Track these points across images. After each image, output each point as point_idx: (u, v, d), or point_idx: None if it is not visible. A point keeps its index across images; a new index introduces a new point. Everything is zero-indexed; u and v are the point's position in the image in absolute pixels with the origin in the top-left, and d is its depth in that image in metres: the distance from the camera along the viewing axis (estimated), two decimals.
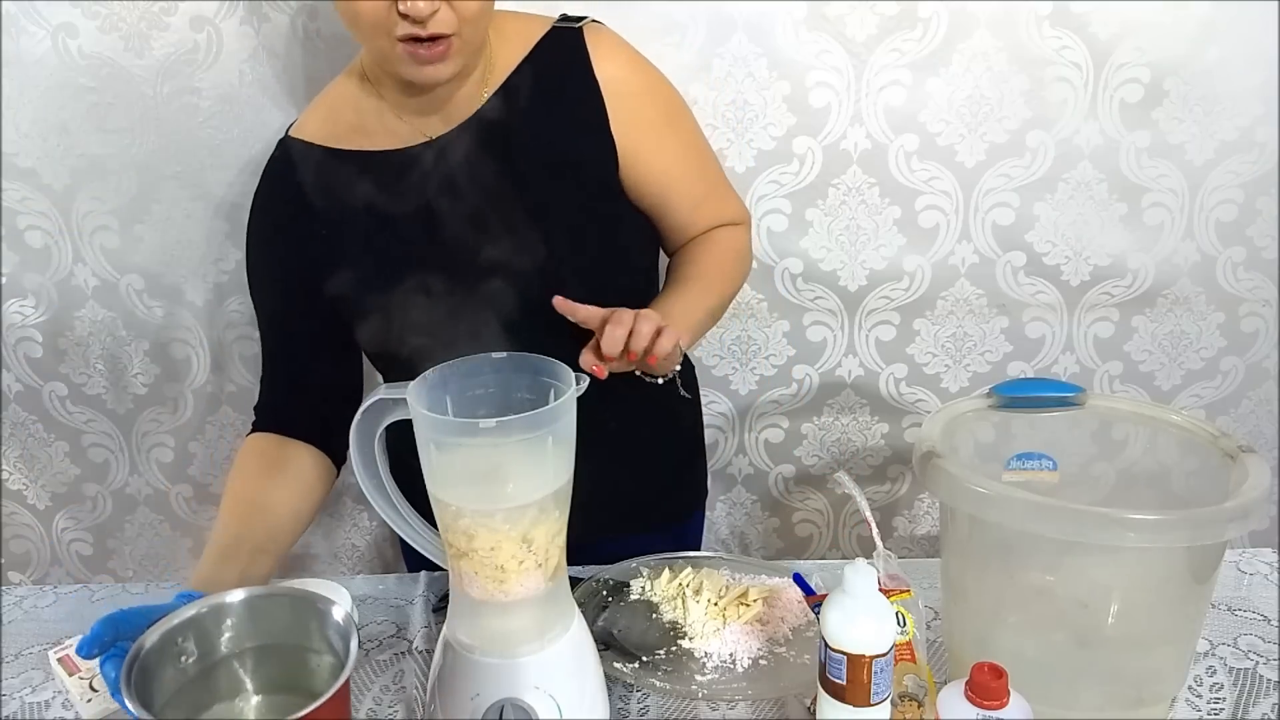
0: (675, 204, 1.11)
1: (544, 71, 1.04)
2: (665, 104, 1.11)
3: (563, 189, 1.05)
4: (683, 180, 1.11)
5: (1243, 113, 1.43)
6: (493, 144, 1.03)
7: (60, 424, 1.63)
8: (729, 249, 1.15)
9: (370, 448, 0.87)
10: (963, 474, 0.84)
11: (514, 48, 1.04)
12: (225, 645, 0.82)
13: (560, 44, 1.04)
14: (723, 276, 1.13)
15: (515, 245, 1.00)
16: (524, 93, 1.03)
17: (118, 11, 1.37)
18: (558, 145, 1.04)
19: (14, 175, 1.46)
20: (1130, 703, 0.87)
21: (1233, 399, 1.61)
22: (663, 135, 1.09)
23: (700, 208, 1.13)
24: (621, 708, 0.93)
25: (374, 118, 1.05)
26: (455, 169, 1.02)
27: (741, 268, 1.18)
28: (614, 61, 1.05)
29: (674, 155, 1.10)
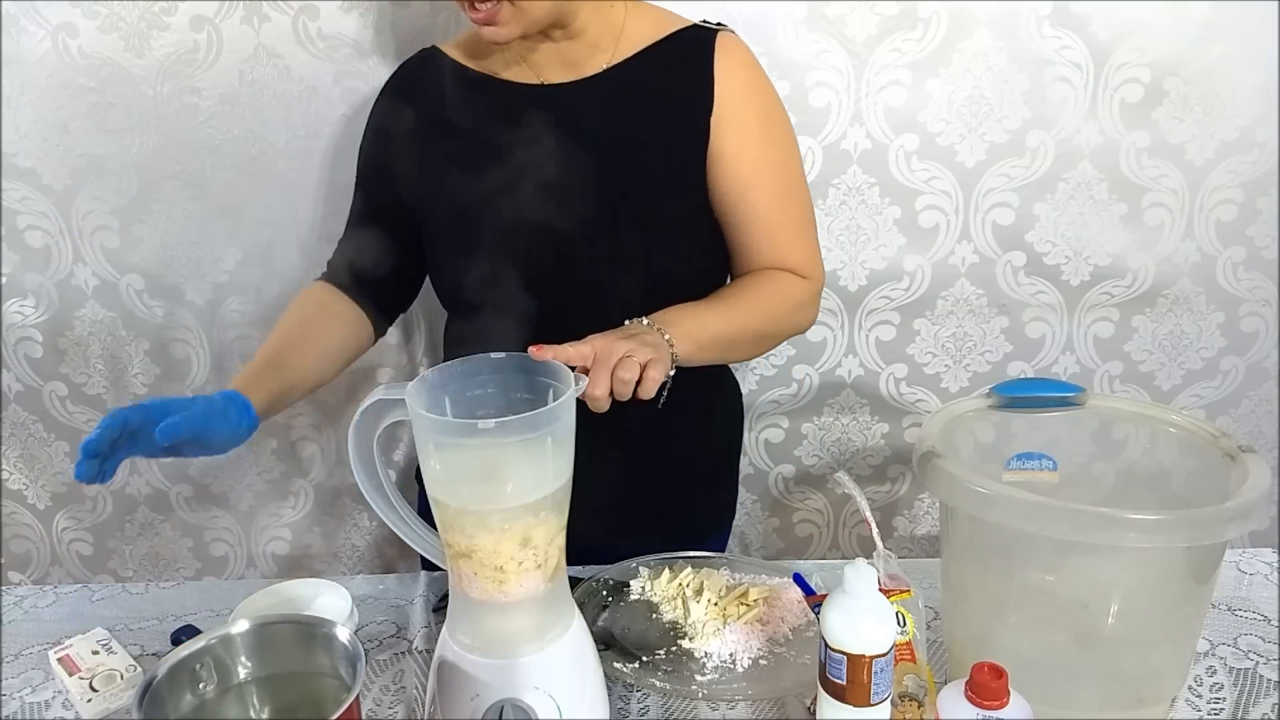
0: (747, 217, 1.10)
1: (669, 57, 1.09)
2: (769, 117, 1.11)
3: (647, 166, 1.08)
4: (762, 195, 1.09)
5: (1243, 113, 1.43)
6: (598, 106, 1.08)
7: (60, 424, 1.63)
8: (780, 291, 1.11)
9: (369, 448, 0.86)
10: (963, 474, 0.84)
11: (649, 31, 1.10)
12: (233, 676, 0.82)
13: (692, 39, 1.10)
14: (758, 311, 1.09)
15: (581, 208, 1.05)
16: (644, 70, 1.09)
17: (118, 11, 1.37)
18: (657, 125, 1.08)
19: (14, 175, 1.46)
20: (1130, 703, 0.87)
21: (1233, 399, 1.61)
22: (756, 143, 1.09)
23: (772, 235, 1.11)
24: (621, 708, 0.93)
25: (507, 53, 1.12)
26: (556, 117, 1.07)
27: (788, 313, 1.12)
28: (736, 63, 1.09)
29: (760, 166, 1.09)
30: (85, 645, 1.00)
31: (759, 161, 1.09)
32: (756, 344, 1.12)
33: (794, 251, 1.12)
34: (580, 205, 1.05)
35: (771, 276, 1.11)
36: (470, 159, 1.10)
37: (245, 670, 0.82)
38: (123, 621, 1.09)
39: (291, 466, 1.66)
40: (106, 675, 0.96)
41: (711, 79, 1.07)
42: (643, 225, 1.08)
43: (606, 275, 1.07)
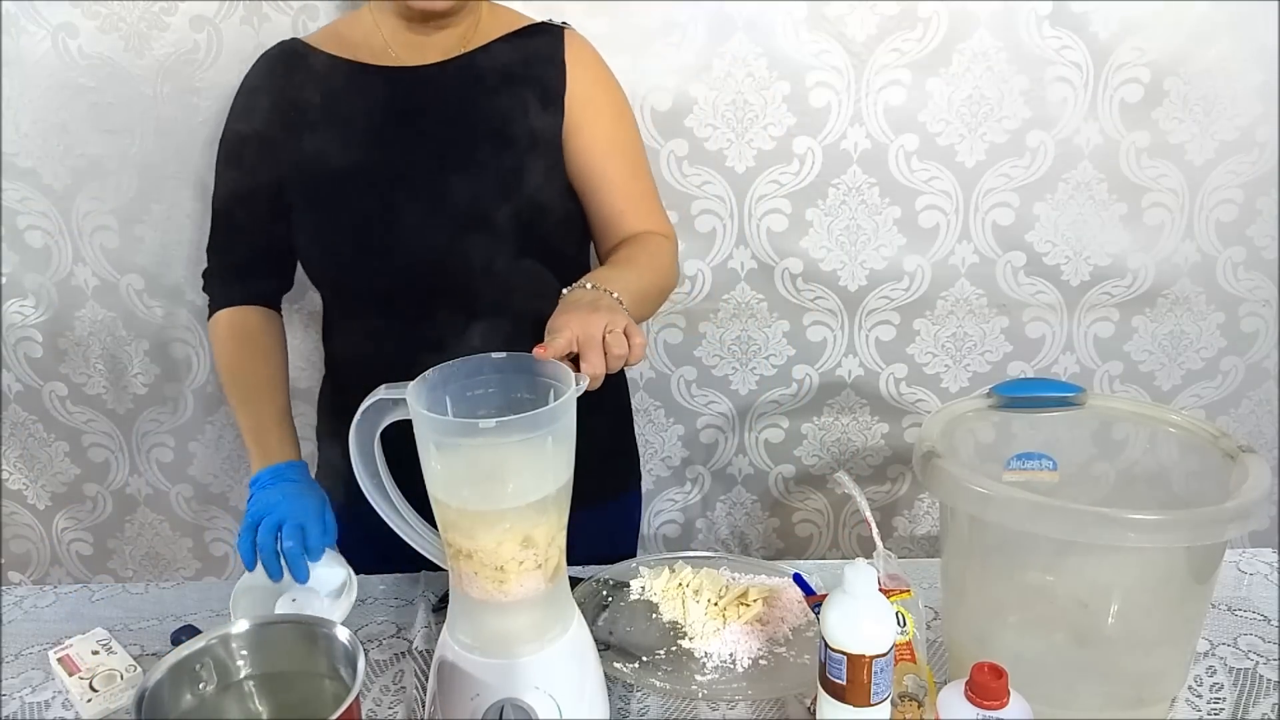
0: (609, 185, 1.17)
1: (522, 46, 1.17)
2: (617, 101, 1.21)
3: (514, 139, 1.13)
4: (619, 166, 1.18)
5: (1243, 113, 1.43)
6: (465, 85, 1.15)
7: (60, 424, 1.63)
8: (661, 249, 1.17)
9: (370, 448, 0.87)
10: (963, 474, 0.84)
11: (501, 26, 1.18)
12: (233, 676, 0.82)
13: (542, 33, 1.19)
14: (656, 266, 1.15)
15: (453, 183, 1.11)
16: (500, 54, 1.16)
17: (118, 11, 1.37)
18: (519, 101, 1.14)
19: (14, 175, 1.46)
20: (1130, 703, 0.87)
21: (1233, 399, 1.61)
22: (608, 121, 1.18)
23: (634, 200, 1.18)
24: (621, 708, 0.93)
25: (370, 40, 1.17)
26: (426, 96, 1.15)
27: (670, 266, 1.19)
28: (585, 54, 1.19)
29: (614, 142, 1.18)
30: (85, 645, 1.01)
31: (612, 137, 1.18)
32: (658, 298, 1.16)
33: (653, 215, 1.20)
34: (454, 178, 1.11)
35: (647, 238, 1.17)
36: (345, 140, 1.13)
37: (245, 670, 0.82)
38: (123, 621, 1.09)
39: None
40: (106, 675, 0.96)
41: (564, 64, 1.16)
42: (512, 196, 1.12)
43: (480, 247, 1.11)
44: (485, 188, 1.11)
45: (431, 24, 1.14)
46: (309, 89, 1.15)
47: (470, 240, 1.10)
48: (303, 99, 1.15)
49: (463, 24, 1.16)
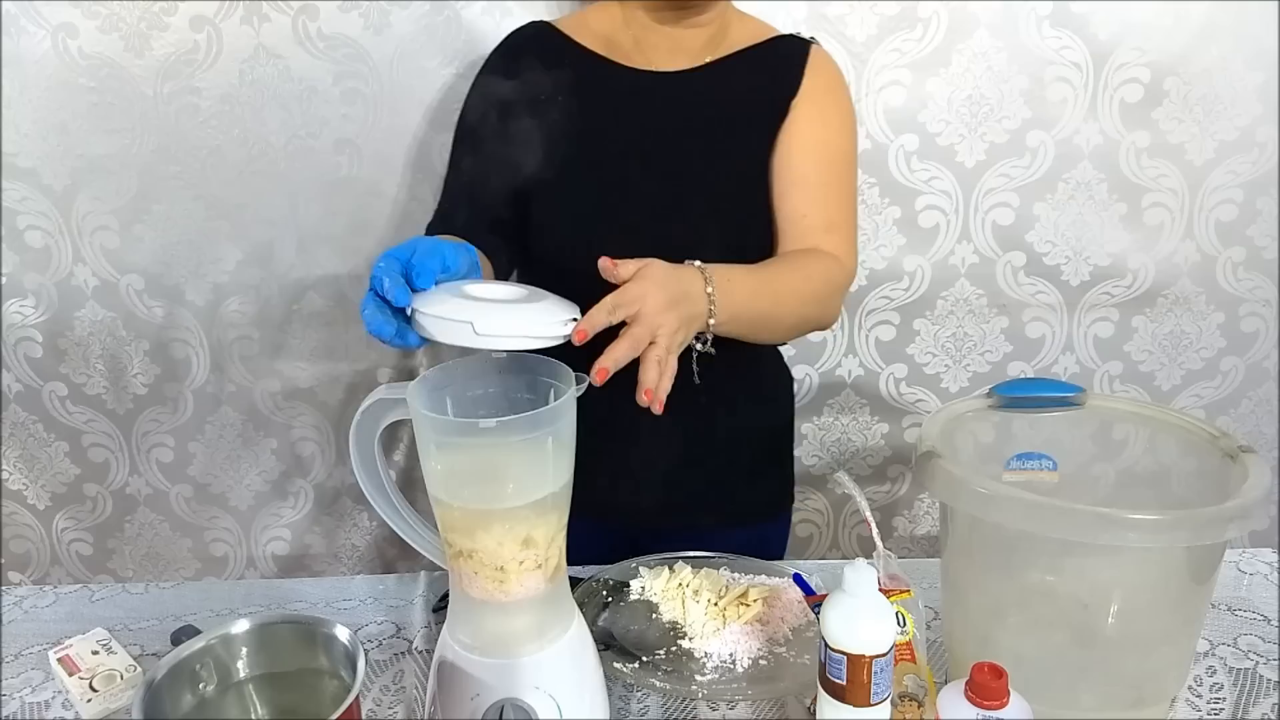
0: (799, 190, 1.13)
1: (766, 57, 1.17)
2: (843, 117, 1.17)
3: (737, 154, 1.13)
4: (817, 173, 1.14)
5: (1243, 113, 1.43)
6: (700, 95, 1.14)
7: (60, 424, 1.63)
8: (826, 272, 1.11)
9: (370, 448, 0.86)
10: (963, 474, 0.84)
11: (749, 36, 1.18)
12: (235, 674, 0.82)
13: (789, 44, 1.18)
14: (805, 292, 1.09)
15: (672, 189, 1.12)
16: (743, 66, 1.16)
17: (118, 11, 1.37)
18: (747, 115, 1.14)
19: (14, 175, 1.46)
20: (1130, 703, 0.87)
21: (1233, 399, 1.61)
22: (825, 126, 1.15)
23: (818, 210, 1.13)
24: (621, 708, 0.93)
25: (615, 36, 1.18)
26: (661, 101, 1.15)
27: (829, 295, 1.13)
28: (826, 66, 1.18)
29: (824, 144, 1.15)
30: (85, 645, 1.00)
31: (822, 141, 1.14)
32: (792, 329, 1.13)
33: (836, 235, 1.14)
34: (672, 185, 1.12)
35: (816, 256, 1.11)
36: (580, 135, 1.13)
37: (245, 670, 0.82)
38: (123, 621, 1.09)
39: (291, 466, 1.66)
40: (106, 675, 0.96)
41: (801, 75, 1.15)
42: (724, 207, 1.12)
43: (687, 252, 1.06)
44: (705, 196, 1.12)
45: (683, 23, 1.13)
46: (555, 77, 1.14)
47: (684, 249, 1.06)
48: (548, 85, 1.14)
49: (712, 26, 1.15)
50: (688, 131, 1.14)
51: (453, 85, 1.42)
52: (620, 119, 1.14)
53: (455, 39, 1.40)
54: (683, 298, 0.90)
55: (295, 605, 1.10)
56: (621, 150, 1.14)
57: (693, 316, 0.91)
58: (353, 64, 1.41)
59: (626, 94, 1.15)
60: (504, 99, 1.16)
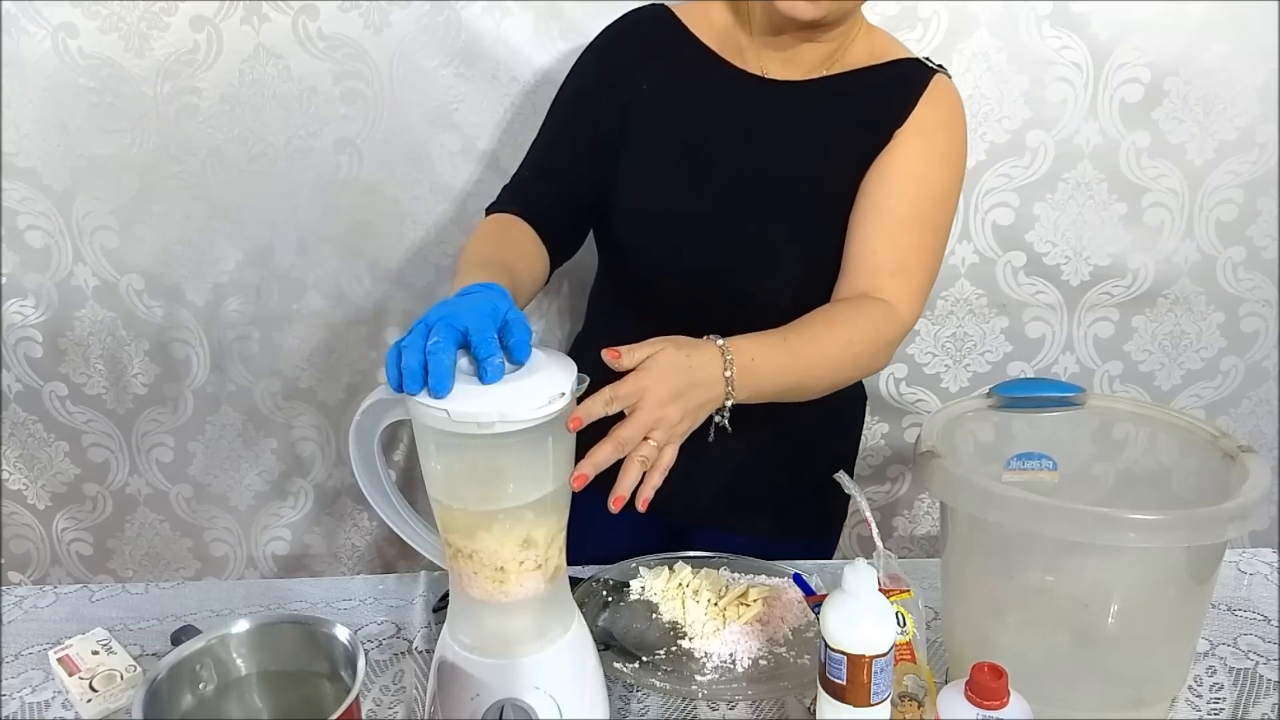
0: (874, 221, 1.07)
1: (883, 79, 1.10)
2: (949, 155, 1.10)
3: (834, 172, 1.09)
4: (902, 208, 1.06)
5: (1243, 113, 1.43)
6: (809, 109, 1.10)
7: (60, 424, 1.63)
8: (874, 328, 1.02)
9: (370, 448, 0.86)
10: (963, 474, 0.84)
11: (874, 52, 1.12)
12: (235, 674, 0.82)
13: (910, 69, 1.11)
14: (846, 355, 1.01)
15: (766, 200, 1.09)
16: (857, 85, 1.10)
17: (118, 11, 1.37)
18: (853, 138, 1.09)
19: (14, 175, 1.46)
20: (1130, 703, 0.87)
21: (1233, 399, 1.61)
22: (923, 162, 1.08)
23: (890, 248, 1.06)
24: (621, 708, 0.93)
25: (731, 35, 1.13)
26: (768, 110, 1.10)
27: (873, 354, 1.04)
28: (943, 98, 1.10)
29: (916, 179, 1.07)
30: (85, 645, 1.00)
31: (920, 175, 1.07)
32: (826, 390, 1.03)
33: (901, 275, 1.05)
34: (755, 193, 1.09)
35: (865, 311, 1.03)
36: (676, 128, 1.11)
37: (245, 670, 0.82)
38: (123, 621, 1.09)
39: (291, 466, 1.66)
40: (106, 675, 0.96)
41: (915, 102, 1.08)
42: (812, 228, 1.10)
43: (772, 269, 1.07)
44: (788, 209, 1.09)
45: (799, 34, 1.07)
46: (662, 65, 1.12)
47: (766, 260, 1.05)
48: (654, 72, 1.12)
49: (834, 42, 1.09)
50: (784, 143, 1.10)
51: (453, 85, 1.42)
52: (719, 120, 1.11)
53: (455, 39, 1.40)
54: (690, 387, 0.84)
55: (295, 605, 1.10)
56: (713, 151, 1.10)
57: (703, 404, 0.86)
58: (353, 64, 1.41)
59: (731, 96, 1.11)
60: (609, 75, 1.13)
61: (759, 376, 0.90)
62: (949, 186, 1.10)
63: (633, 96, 1.12)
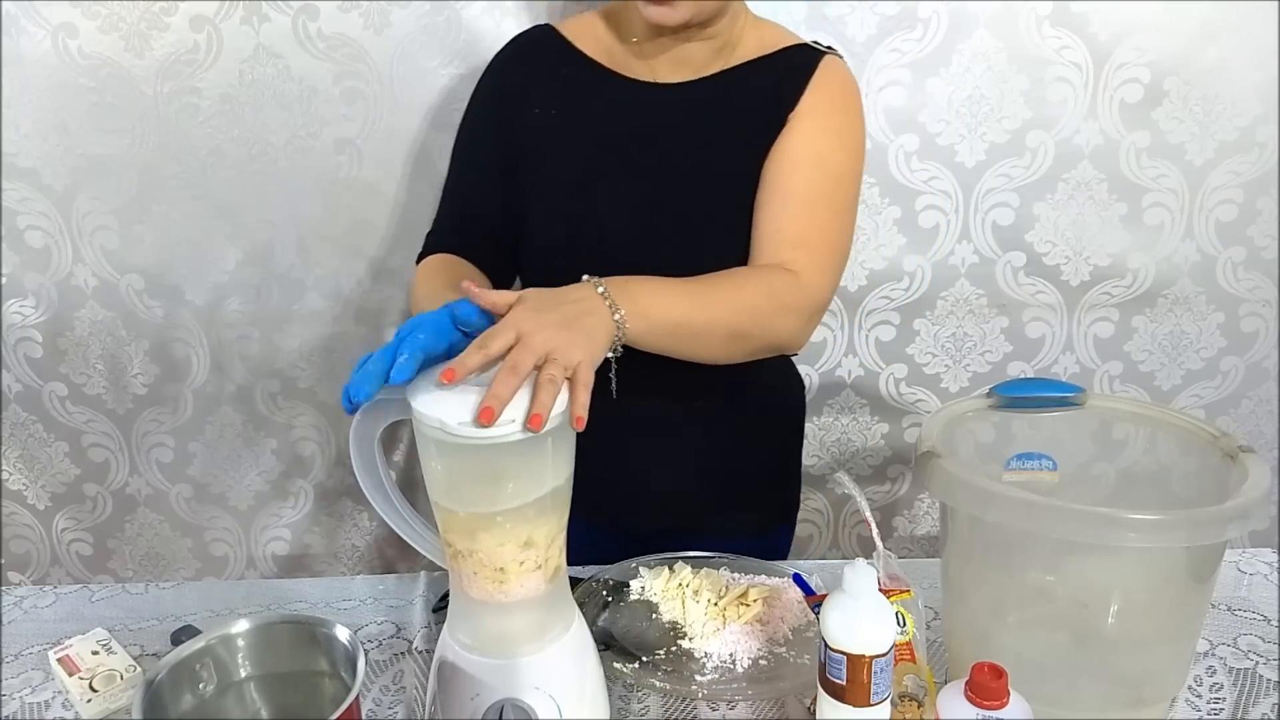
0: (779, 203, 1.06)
1: (774, 69, 1.11)
2: (845, 131, 1.10)
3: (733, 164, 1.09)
4: (803, 187, 1.06)
5: (1243, 113, 1.43)
6: (703, 110, 1.11)
7: (60, 424, 1.63)
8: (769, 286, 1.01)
9: (370, 447, 0.86)
10: (963, 474, 0.84)
11: (761, 44, 1.12)
12: (235, 674, 0.82)
13: (800, 56, 1.11)
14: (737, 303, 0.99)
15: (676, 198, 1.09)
16: (749, 79, 1.11)
17: (118, 11, 1.37)
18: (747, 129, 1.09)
19: (14, 175, 1.46)
20: (1130, 703, 0.87)
21: (1233, 399, 1.61)
22: (821, 142, 1.08)
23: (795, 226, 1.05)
24: (621, 708, 0.93)
25: (618, 46, 1.14)
26: (663, 114, 1.11)
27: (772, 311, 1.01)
28: (834, 79, 1.11)
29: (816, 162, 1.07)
30: (85, 645, 1.00)
31: (816, 157, 1.07)
32: (730, 342, 1.00)
33: (805, 248, 1.04)
34: (663, 197, 1.09)
35: (767, 271, 1.03)
36: (575, 146, 1.12)
37: (245, 670, 0.82)
38: (123, 621, 1.09)
39: (291, 466, 1.66)
40: (106, 675, 0.96)
41: (804, 86, 1.09)
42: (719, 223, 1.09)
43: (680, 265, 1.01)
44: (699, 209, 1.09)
45: (678, 37, 1.08)
46: (553, 84, 1.13)
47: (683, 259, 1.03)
48: (545, 93, 1.13)
49: (718, 39, 1.10)
50: (684, 144, 1.10)
51: (453, 85, 1.42)
52: (616, 131, 1.11)
53: (455, 39, 1.40)
54: (573, 316, 0.82)
55: (295, 605, 1.10)
56: (615, 162, 1.11)
57: (592, 327, 0.83)
58: (353, 64, 1.41)
59: (625, 105, 1.12)
60: (503, 104, 1.15)
61: (641, 301, 0.89)
62: (848, 165, 1.10)
63: (527, 121, 1.12)
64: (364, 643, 1.04)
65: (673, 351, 0.96)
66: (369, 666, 1.00)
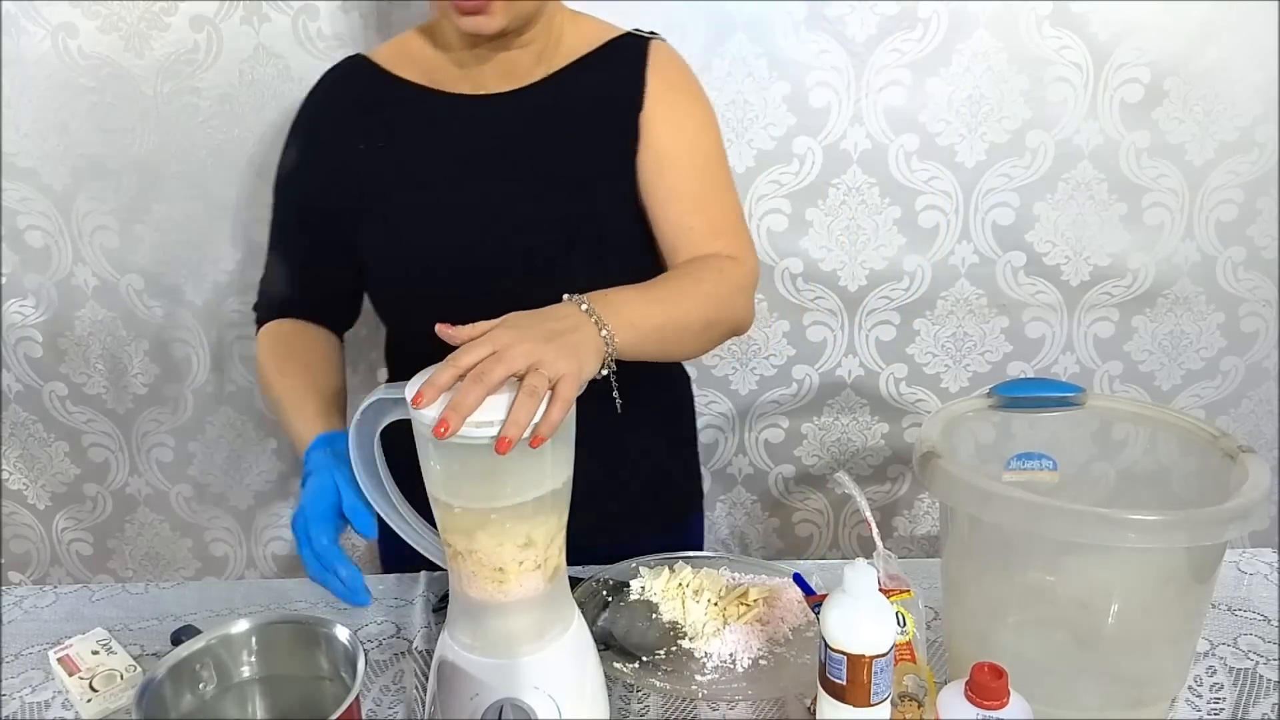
0: (675, 203, 1.07)
1: (603, 64, 1.09)
2: (698, 113, 1.11)
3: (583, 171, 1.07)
4: (689, 175, 1.08)
5: (1243, 113, 1.43)
6: (538, 115, 1.08)
7: (60, 424, 1.63)
8: (719, 271, 1.05)
9: (370, 448, 0.87)
10: (963, 474, 0.84)
11: (584, 43, 1.10)
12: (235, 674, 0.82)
13: (626, 46, 1.10)
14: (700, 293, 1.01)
15: (527, 212, 1.05)
16: (579, 77, 1.09)
17: (118, 11, 1.37)
18: (590, 130, 1.08)
19: (14, 175, 1.46)
20: (1130, 703, 0.87)
21: (1233, 399, 1.61)
22: (683, 132, 1.08)
23: (702, 218, 1.07)
24: (621, 708, 0.93)
25: (438, 62, 1.10)
26: (499, 127, 1.07)
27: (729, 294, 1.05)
28: (667, 65, 1.10)
29: (688, 152, 1.08)
30: (85, 645, 1.00)
31: (687, 147, 1.08)
32: (702, 333, 1.03)
33: (727, 235, 1.08)
34: (522, 214, 1.05)
35: (707, 259, 1.05)
36: (412, 174, 1.07)
37: (245, 670, 0.82)
38: (123, 621, 1.09)
39: (292, 466, 1.66)
40: (106, 675, 0.96)
41: (643, 80, 1.07)
42: (583, 232, 1.06)
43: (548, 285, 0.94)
44: (556, 221, 1.06)
45: (496, 45, 1.05)
46: (375, 116, 1.09)
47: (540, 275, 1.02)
48: (368, 126, 1.08)
49: (538, 41, 1.07)
50: (528, 153, 1.06)
51: None
52: (453, 150, 1.07)
53: None
54: (557, 332, 0.80)
55: (295, 605, 1.10)
56: (457, 183, 1.06)
57: (578, 343, 0.81)
58: None
59: (455, 123, 1.07)
60: (324, 147, 1.09)
61: (624, 313, 0.87)
62: (714, 142, 1.12)
63: (354, 159, 1.07)
64: (364, 643, 1.03)
65: (655, 355, 0.96)
66: (369, 666, 1.00)
